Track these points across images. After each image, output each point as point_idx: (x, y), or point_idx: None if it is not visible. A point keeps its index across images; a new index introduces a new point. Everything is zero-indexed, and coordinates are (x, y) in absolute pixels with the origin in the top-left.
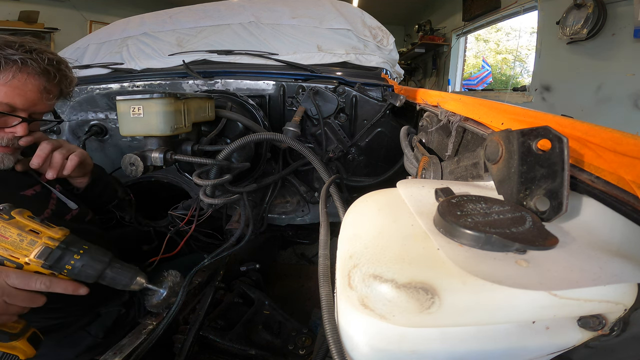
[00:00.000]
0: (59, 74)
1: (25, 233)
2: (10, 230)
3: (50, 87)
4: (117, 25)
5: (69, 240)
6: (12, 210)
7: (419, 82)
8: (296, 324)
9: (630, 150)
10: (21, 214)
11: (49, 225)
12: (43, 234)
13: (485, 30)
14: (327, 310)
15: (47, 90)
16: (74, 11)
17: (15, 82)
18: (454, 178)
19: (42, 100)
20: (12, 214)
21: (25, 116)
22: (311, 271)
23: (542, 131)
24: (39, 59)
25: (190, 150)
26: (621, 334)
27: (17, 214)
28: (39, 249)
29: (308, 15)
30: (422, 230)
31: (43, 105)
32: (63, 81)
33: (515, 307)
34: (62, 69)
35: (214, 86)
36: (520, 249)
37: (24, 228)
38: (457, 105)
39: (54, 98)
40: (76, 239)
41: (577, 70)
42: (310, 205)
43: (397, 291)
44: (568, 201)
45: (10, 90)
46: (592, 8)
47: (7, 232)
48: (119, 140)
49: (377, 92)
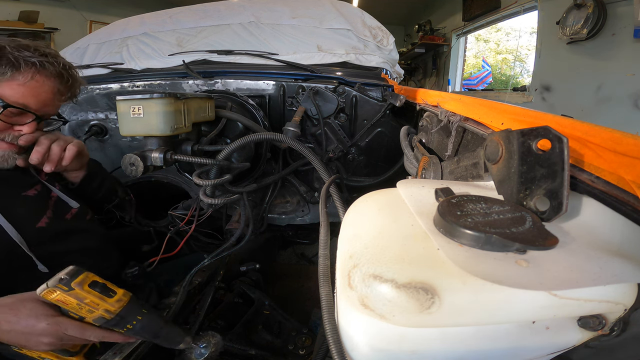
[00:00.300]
0: (72, 78)
1: (84, 304)
2: (70, 300)
3: (63, 90)
4: (117, 25)
5: (124, 312)
6: (73, 280)
7: (419, 82)
8: (296, 324)
9: (630, 150)
10: (81, 285)
11: (107, 295)
12: (101, 306)
13: (485, 30)
14: (327, 310)
15: (60, 92)
16: (74, 11)
17: (33, 83)
18: (454, 178)
19: (54, 102)
20: (72, 284)
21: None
22: (311, 271)
23: (542, 131)
24: (54, 63)
25: (190, 150)
26: (621, 334)
27: (77, 285)
28: (96, 317)
29: (308, 15)
30: (422, 230)
31: (54, 106)
32: (74, 84)
33: (515, 307)
34: (74, 74)
35: (214, 86)
36: (520, 249)
37: (83, 300)
38: (457, 105)
39: (65, 100)
40: (133, 308)
41: (577, 70)
42: (310, 205)
43: (397, 291)
44: (568, 201)
45: (27, 91)
46: (592, 8)
47: (66, 299)
48: (119, 140)
49: (377, 92)
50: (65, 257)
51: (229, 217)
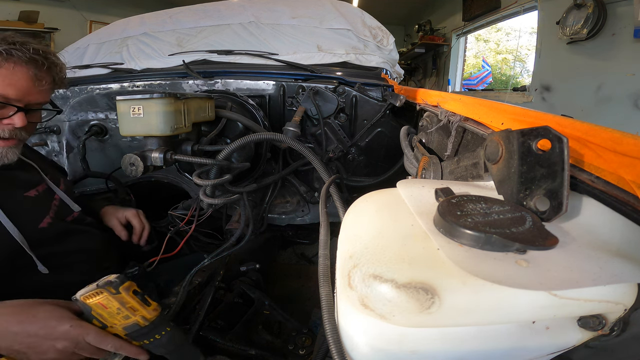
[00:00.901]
0: (47, 61)
1: (125, 309)
2: (113, 303)
3: (42, 75)
4: (117, 25)
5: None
6: (121, 285)
7: (419, 82)
8: (296, 324)
9: (630, 150)
10: (127, 290)
11: (146, 303)
12: (139, 312)
13: (485, 30)
14: (327, 310)
15: (38, 77)
16: (74, 11)
17: (3, 71)
18: (454, 178)
19: (35, 88)
20: (120, 289)
21: (21, 106)
22: (311, 271)
23: (542, 131)
24: (23, 49)
25: (190, 150)
26: (621, 334)
27: (124, 289)
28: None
29: (308, 15)
30: (422, 230)
31: (37, 94)
32: (53, 68)
33: (515, 307)
34: (50, 57)
35: (214, 86)
36: (521, 249)
37: (125, 304)
38: (457, 105)
39: (47, 85)
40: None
41: (577, 70)
42: (310, 205)
43: (397, 291)
44: (568, 201)
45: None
46: (592, 8)
47: (109, 303)
48: (119, 140)
49: (377, 92)
50: (64, 258)
51: (229, 217)
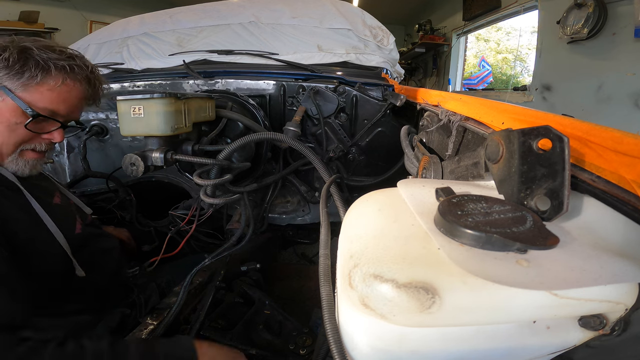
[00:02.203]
0: (98, 80)
1: None
2: None
3: (92, 94)
4: (117, 25)
5: None
6: None
7: (419, 81)
8: (297, 324)
9: (631, 150)
10: None
11: None
12: None
13: (486, 30)
14: (328, 310)
15: (87, 97)
16: (74, 11)
17: (64, 88)
18: (454, 178)
19: (82, 107)
20: None
21: (63, 122)
22: (312, 271)
23: (543, 131)
24: (83, 66)
25: (191, 150)
26: (622, 333)
27: None
28: None
29: (308, 15)
30: (423, 230)
31: (79, 112)
32: (100, 88)
33: (515, 306)
34: (100, 77)
35: (214, 86)
36: (521, 248)
37: None
38: (457, 104)
39: (89, 105)
40: None
41: (578, 69)
42: (310, 205)
43: (397, 291)
44: (569, 201)
45: (57, 96)
46: (592, 7)
47: None
48: (120, 140)
49: (378, 91)
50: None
51: (230, 217)
